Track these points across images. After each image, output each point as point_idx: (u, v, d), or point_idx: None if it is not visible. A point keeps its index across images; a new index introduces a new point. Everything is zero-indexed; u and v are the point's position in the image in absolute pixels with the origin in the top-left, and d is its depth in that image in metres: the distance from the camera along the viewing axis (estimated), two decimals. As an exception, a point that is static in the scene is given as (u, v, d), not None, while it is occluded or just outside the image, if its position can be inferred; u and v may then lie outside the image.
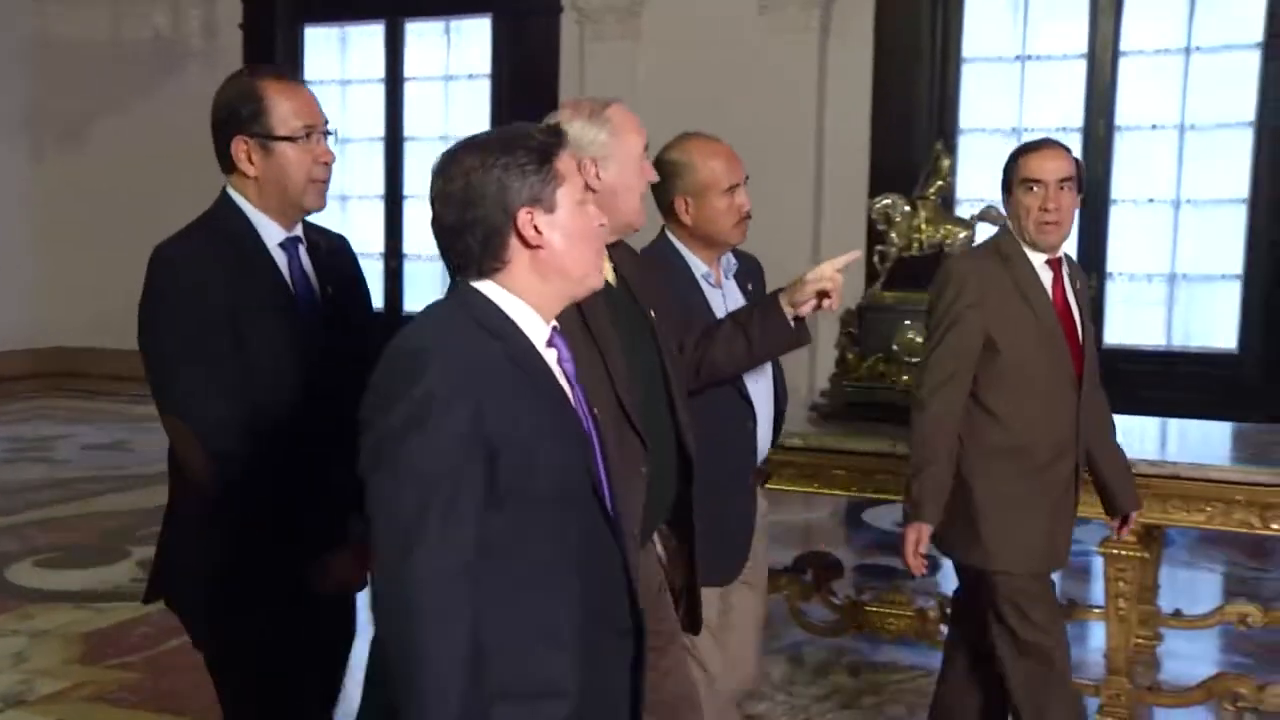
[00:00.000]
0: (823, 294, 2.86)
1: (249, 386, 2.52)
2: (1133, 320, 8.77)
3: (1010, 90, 9.05)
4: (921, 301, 3.71)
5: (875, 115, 9.11)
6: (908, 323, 4.42)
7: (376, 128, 11.06)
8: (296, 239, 2.67)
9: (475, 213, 1.90)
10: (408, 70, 10.94)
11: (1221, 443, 4.85)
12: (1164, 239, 8.70)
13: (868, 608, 4.73)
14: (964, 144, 8.97)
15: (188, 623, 2.68)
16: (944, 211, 4.70)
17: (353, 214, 11.25)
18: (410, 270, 11.07)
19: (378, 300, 10.87)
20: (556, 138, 1.97)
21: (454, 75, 10.83)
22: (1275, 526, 3.95)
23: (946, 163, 4.72)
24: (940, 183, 4.64)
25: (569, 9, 9.99)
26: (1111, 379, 9.03)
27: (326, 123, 2.64)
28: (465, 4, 10.61)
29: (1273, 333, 8.38)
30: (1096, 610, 4.67)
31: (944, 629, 4.30)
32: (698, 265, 3.19)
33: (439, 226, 1.95)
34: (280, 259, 2.64)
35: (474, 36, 10.69)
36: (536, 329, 1.96)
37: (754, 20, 9.13)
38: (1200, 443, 4.87)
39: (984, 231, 4.28)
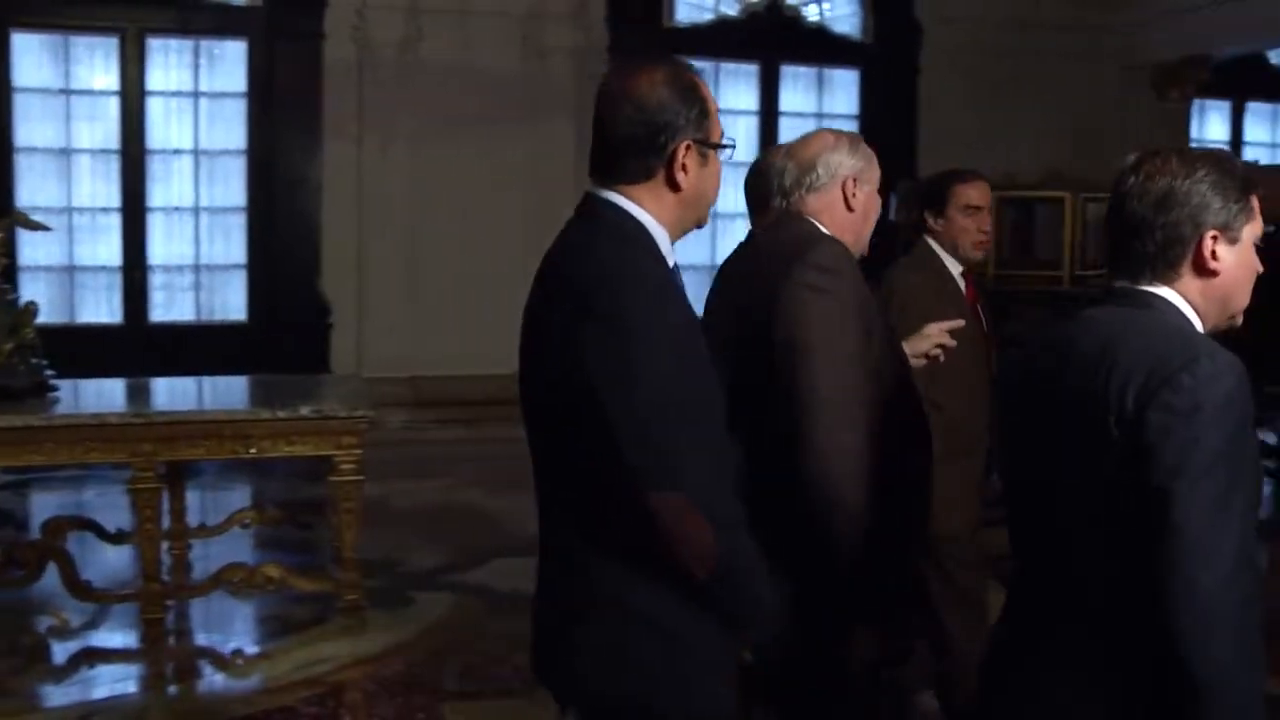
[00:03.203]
0: (942, 346, 2.50)
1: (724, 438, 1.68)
2: (170, 301, 8.68)
3: (57, 116, 8.40)
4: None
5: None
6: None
7: None
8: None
9: (1167, 216, 1.51)
10: None
11: (242, 392, 4.89)
12: (190, 238, 8.69)
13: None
14: (20, 160, 8.24)
15: None
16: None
17: None
18: None
19: None
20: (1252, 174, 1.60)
21: None
22: (254, 451, 4.03)
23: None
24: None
25: None
26: (153, 348, 8.90)
27: None
28: None
29: (269, 308, 8.69)
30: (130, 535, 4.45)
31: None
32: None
33: (1121, 218, 1.54)
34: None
35: None
36: None
37: None
38: (225, 393, 4.82)
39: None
